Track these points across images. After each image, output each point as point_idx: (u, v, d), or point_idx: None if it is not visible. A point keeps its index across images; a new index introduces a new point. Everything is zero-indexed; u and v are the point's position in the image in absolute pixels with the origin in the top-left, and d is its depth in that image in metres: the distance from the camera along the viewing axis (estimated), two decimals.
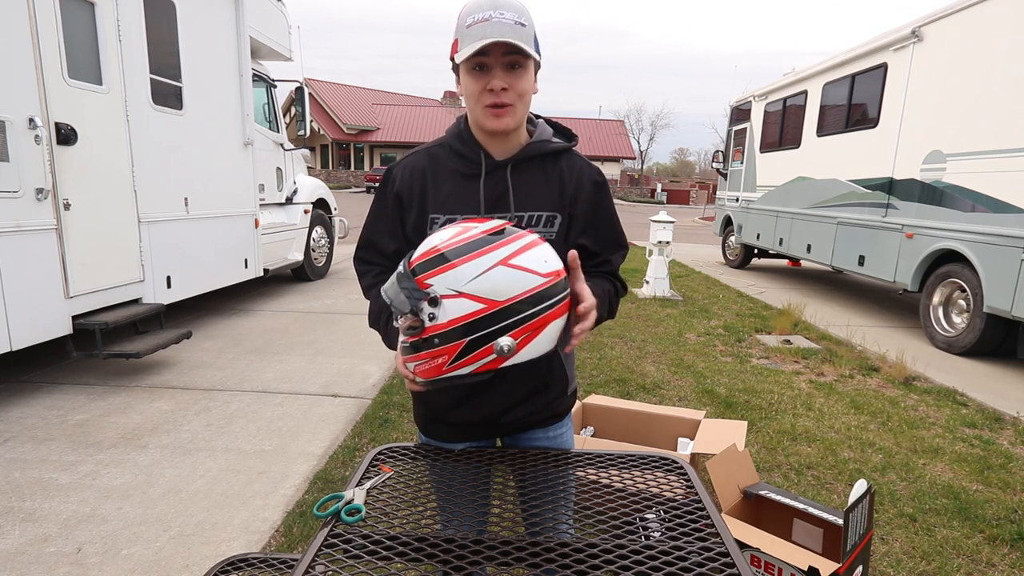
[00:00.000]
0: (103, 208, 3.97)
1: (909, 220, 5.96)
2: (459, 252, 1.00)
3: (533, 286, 1.01)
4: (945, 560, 2.33)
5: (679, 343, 5.44)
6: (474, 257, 0.99)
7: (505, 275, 0.99)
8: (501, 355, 1.01)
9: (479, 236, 1.02)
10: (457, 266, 0.98)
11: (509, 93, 1.16)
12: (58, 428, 3.27)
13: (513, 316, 0.99)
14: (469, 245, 1.00)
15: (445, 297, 0.99)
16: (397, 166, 1.32)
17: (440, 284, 0.99)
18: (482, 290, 0.98)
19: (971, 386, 4.47)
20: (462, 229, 1.04)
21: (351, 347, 4.96)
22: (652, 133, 59.51)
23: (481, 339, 1.00)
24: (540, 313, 1.02)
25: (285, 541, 2.33)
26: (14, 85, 3.29)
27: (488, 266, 0.99)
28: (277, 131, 6.95)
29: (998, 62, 4.95)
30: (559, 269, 1.06)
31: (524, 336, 1.01)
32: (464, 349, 1.00)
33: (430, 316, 1.00)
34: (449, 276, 0.98)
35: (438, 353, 1.02)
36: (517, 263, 1.00)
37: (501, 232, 1.03)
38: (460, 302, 0.98)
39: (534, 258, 1.02)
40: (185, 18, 4.74)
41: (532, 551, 0.97)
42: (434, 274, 0.99)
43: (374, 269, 1.35)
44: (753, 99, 10.09)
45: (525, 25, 1.14)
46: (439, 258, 1.00)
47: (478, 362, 1.02)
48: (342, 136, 37.78)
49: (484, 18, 1.12)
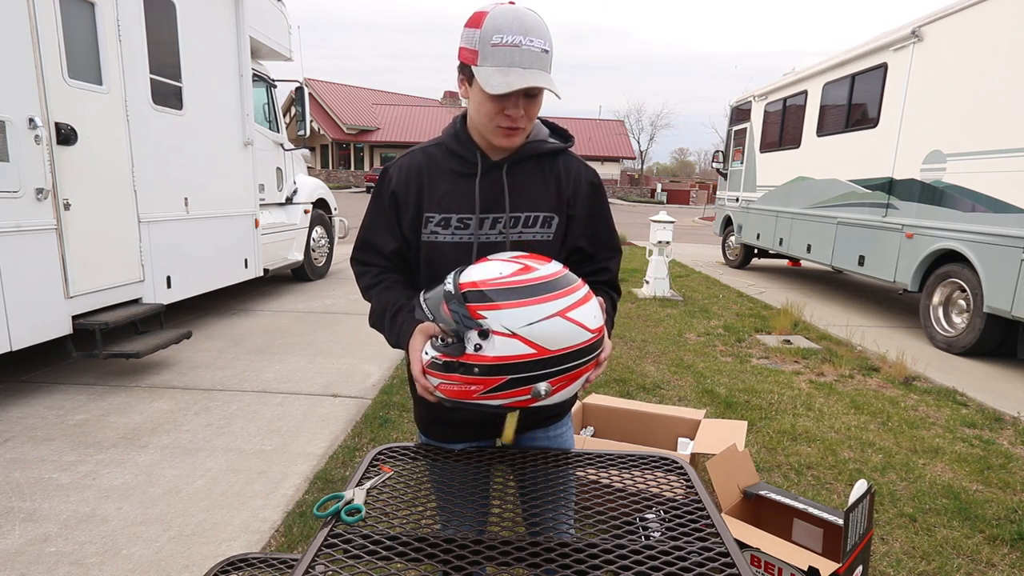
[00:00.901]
0: (103, 208, 3.97)
1: (909, 220, 5.96)
2: (521, 294, 1.01)
3: (582, 341, 1.04)
4: (945, 560, 2.33)
5: (679, 343, 5.44)
6: (535, 303, 1.00)
7: (561, 327, 1.01)
8: (536, 397, 1.04)
9: (542, 281, 1.03)
10: (517, 307, 1.00)
11: (523, 118, 1.17)
12: (58, 428, 3.27)
13: (558, 365, 1.03)
14: (532, 288, 1.02)
15: (497, 333, 1.00)
16: (393, 165, 1.31)
17: (495, 320, 1.00)
18: (537, 337, 1.00)
19: (971, 386, 4.47)
20: (523, 268, 1.05)
21: (351, 347, 4.96)
22: (652, 133, 59.60)
23: (522, 380, 1.02)
24: (581, 366, 1.06)
25: (285, 541, 2.33)
26: (14, 85, 3.29)
27: (547, 315, 1.00)
28: (277, 131, 6.95)
29: (998, 62, 4.94)
30: (601, 326, 1.09)
31: (560, 384, 1.05)
32: (503, 384, 1.02)
33: (476, 346, 1.02)
34: (506, 315, 1.00)
35: (473, 381, 1.03)
36: (573, 317, 1.02)
37: (560, 281, 1.05)
38: (512, 342, 1.00)
39: (586, 313, 1.05)
40: (185, 18, 4.74)
41: (532, 551, 0.97)
42: (491, 308, 1.00)
43: (373, 269, 1.34)
44: (753, 99, 10.09)
45: (548, 52, 1.13)
46: (502, 292, 1.01)
47: (511, 399, 1.05)
48: (342, 136, 37.77)
49: (513, 43, 1.09)
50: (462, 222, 1.24)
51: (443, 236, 1.24)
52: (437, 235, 1.25)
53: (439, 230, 1.25)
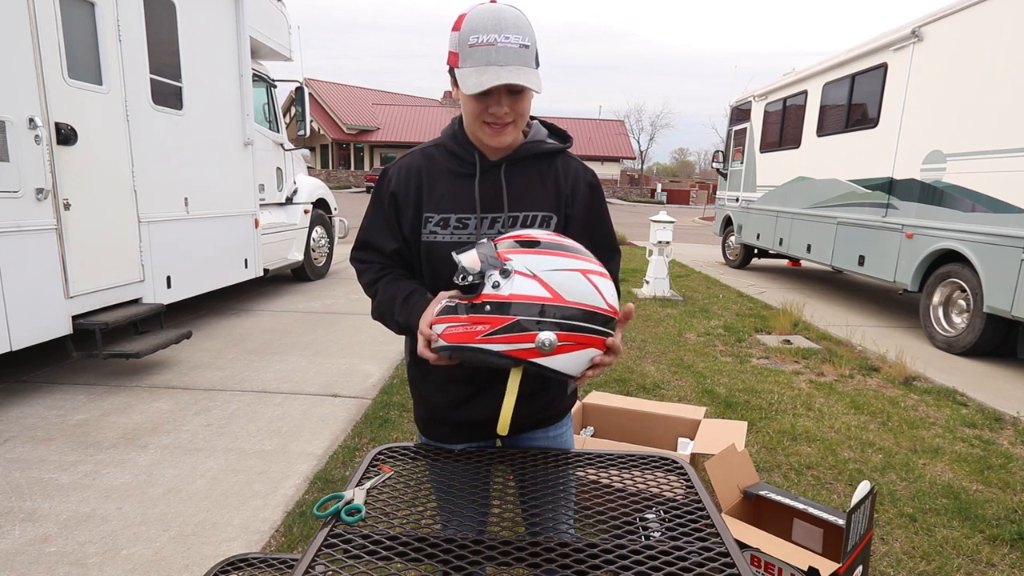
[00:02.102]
0: (103, 208, 3.97)
1: (909, 220, 5.96)
2: (551, 246, 1.06)
3: (597, 305, 1.05)
4: (945, 560, 2.33)
5: (679, 343, 5.44)
6: (562, 255, 1.05)
7: (581, 283, 1.04)
8: (540, 349, 1.01)
9: (571, 244, 1.09)
10: (543, 254, 1.04)
11: (510, 114, 1.17)
12: (58, 428, 3.27)
13: (570, 319, 1.02)
14: (562, 245, 1.07)
15: (519, 273, 1.02)
16: (393, 166, 1.32)
17: (519, 262, 1.03)
18: (556, 283, 1.02)
19: (971, 386, 4.47)
20: (559, 233, 1.13)
21: (351, 347, 4.96)
22: (652, 133, 59.72)
23: (531, 323, 1.00)
24: (589, 332, 1.04)
25: (285, 541, 2.33)
26: (14, 85, 3.29)
27: (571, 267, 1.04)
28: (277, 131, 6.95)
29: (998, 62, 4.94)
30: (617, 308, 1.11)
31: (566, 343, 1.02)
32: (509, 326, 1.00)
33: (494, 284, 1.02)
34: (531, 259, 1.03)
35: (481, 320, 1.02)
36: (595, 281, 1.05)
37: (588, 251, 1.11)
38: (531, 283, 1.01)
39: (606, 286, 1.08)
40: (185, 18, 4.74)
41: (532, 551, 0.97)
42: (518, 252, 1.04)
43: (374, 266, 1.34)
44: (753, 99, 10.09)
45: (528, 47, 1.12)
46: (531, 242, 1.06)
47: (514, 345, 1.01)
48: (342, 136, 37.77)
49: (488, 41, 1.09)
50: (461, 222, 1.25)
51: (442, 236, 1.25)
52: (436, 235, 1.25)
53: (438, 230, 1.25)
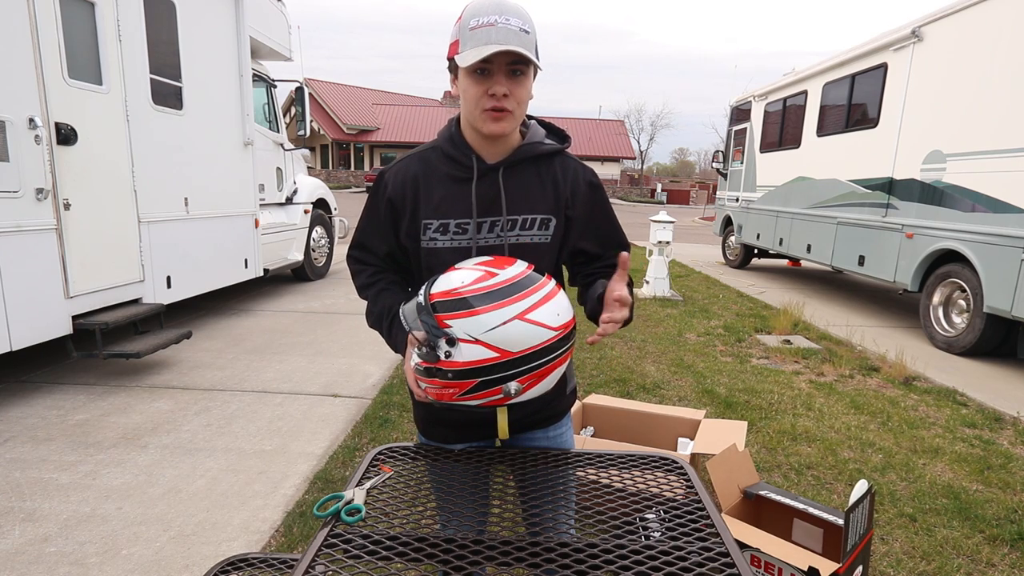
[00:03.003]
0: (103, 208, 3.97)
1: (909, 220, 5.96)
2: (481, 300, 1.06)
3: (544, 340, 1.08)
4: (945, 560, 2.33)
5: (679, 343, 5.44)
6: (494, 308, 1.06)
7: (520, 330, 1.06)
8: (508, 395, 1.09)
9: (500, 286, 1.08)
10: (477, 314, 1.05)
11: (509, 99, 1.16)
12: (58, 428, 3.27)
13: (523, 366, 1.08)
14: (491, 295, 1.07)
15: (463, 340, 1.06)
16: (389, 171, 1.31)
17: (459, 328, 1.06)
18: (498, 341, 1.05)
19: (971, 386, 4.47)
20: (485, 275, 1.10)
21: (351, 347, 4.96)
22: (652, 133, 59.72)
23: (491, 381, 1.08)
24: (548, 363, 1.10)
25: (285, 541, 2.33)
26: (14, 85, 3.29)
27: (506, 319, 1.05)
28: (277, 131, 6.95)
29: (998, 62, 4.94)
30: (568, 321, 1.13)
31: (530, 381, 1.10)
32: (475, 387, 1.08)
33: (446, 353, 1.07)
34: (468, 322, 1.05)
35: (450, 385, 1.09)
36: (533, 318, 1.07)
37: (521, 283, 1.09)
38: (476, 348, 1.05)
39: (549, 312, 1.09)
40: (185, 18, 4.74)
41: (532, 551, 0.97)
42: (454, 316, 1.06)
43: (368, 269, 1.35)
44: (753, 99, 10.09)
45: (528, 32, 1.14)
46: (461, 302, 1.06)
47: (486, 399, 1.10)
48: (342, 136, 37.76)
49: (489, 23, 1.11)
50: (460, 227, 1.24)
51: (442, 242, 1.24)
52: (436, 241, 1.25)
53: (438, 236, 1.25)
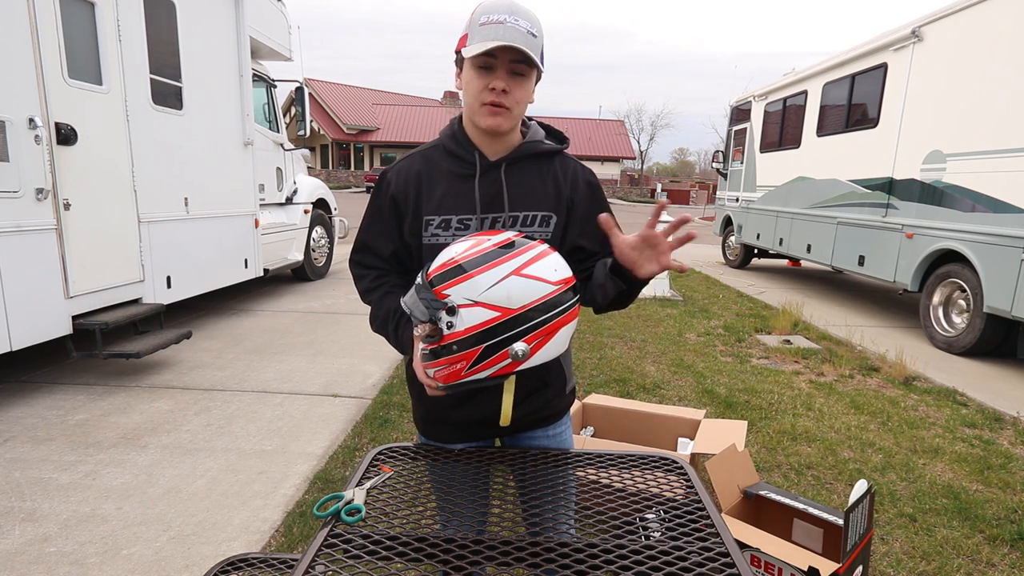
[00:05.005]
0: (103, 208, 3.97)
1: (909, 220, 5.96)
2: (475, 263, 1.06)
3: (544, 294, 1.07)
4: (945, 560, 2.33)
5: (679, 343, 5.44)
6: (489, 268, 1.05)
7: (518, 284, 1.05)
8: (516, 359, 1.07)
9: (492, 248, 1.08)
10: (473, 277, 1.05)
11: (509, 97, 1.18)
12: (58, 428, 3.27)
13: (526, 323, 1.06)
14: (484, 256, 1.07)
15: (462, 306, 1.05)
16: (391, 170, 1.32)
17: (457, 294, 1.05)
18: (497, 299, 1.04)
19: (971, 386, 4.47)
20: (476, 242, 1.10)
21: (351, 347, 4.96)
22: (652, 133, 59.72)
23: (497, 345, 1.06)
24: (552, 319, 1.08)
25: (285, 541, 2.33)
26: (14, 85, 3.29)
27: (502, 276, 1.05)
28: (277, 131, 6.95)
29: (998, 62, 4.94)
30: (568, 277, 1.12)
31: (537, 341, 1.08)
32: (481, 355, 1.06)
33: (448, 324, 1.06)
34: (465, 286, 1.05)
35: (456, 359, 1.08)
36: (529, 273, 1.06)
37: (512, 244, 1.09)
38: (476, 311, 1.04)
39: (545, 267, 1.08)
40: (185, 18, 4.73)
41: (532, 551, 0.97)
42: (451, 284, 1.05)
43: (371, 273, 1.35)
44: (753, 99, 10.09)
45: (536, 36, 1.17)
46: (456, 269, 1.06)
47: (495, 366, 1.08)
48: (342, 136, 37.77)
49: (499, 20, 1.14)
50: (462, 223, 1.25)
51: (444, 238, 1.25)
52: (438, 237, 1.25)
53: (440, 232, 1.25)
